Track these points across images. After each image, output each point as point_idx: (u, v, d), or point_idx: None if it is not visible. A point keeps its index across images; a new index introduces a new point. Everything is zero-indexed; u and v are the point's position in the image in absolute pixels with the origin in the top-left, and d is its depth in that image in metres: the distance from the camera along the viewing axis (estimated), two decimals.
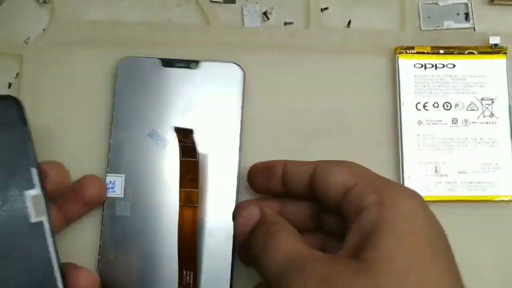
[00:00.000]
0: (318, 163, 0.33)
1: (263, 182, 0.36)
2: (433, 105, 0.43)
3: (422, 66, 0.43)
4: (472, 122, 0.42)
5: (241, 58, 0.44)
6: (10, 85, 0.44)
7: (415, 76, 0.43)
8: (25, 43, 0.44)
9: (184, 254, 0.38)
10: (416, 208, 0.28)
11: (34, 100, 0.43)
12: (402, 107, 0.43)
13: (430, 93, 0.43)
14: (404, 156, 0.42)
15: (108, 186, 0.40)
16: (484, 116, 0.43)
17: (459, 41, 0.44)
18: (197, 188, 0.39)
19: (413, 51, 0.43)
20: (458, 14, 0.45)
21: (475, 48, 0.44)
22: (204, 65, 0.42)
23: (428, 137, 0.42)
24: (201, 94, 0.41)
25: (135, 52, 0.44)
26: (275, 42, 0.44)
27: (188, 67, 0.42)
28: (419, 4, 0.45)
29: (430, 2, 0.45)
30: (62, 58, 0.44)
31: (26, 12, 0.45)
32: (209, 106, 0.41)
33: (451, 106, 0.43)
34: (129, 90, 0.41)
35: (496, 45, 0.43)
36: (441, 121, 0.43)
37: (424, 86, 0.43)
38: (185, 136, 0.38)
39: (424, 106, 0.43)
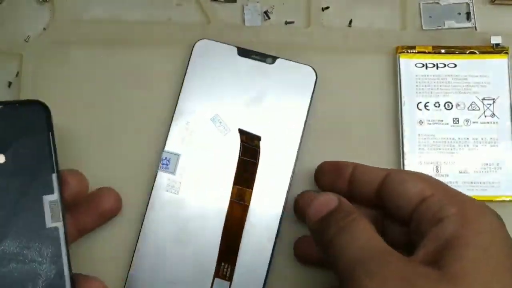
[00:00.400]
0: (391, 170, 0.34)
1: (330, 180, 0.37)
2: (434, 105, 0.43)
3: (423, 65, 0.43)
4: (473, 122, 0.42)
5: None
6: (10, 84, 0.44)
7: (416, 75, 0.43)
8: (25, 42, 0.44)
9: (227, 248, 0.39)
10: (497, 225, 0.29)
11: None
12: (403, 107, 0.43)
13: (431, 93, 0.43)
14: (405, 156, 0.42)
15: (162, 161, 0.39)
16: (485, 116, 0.42)
17: (461, 41, 0.44)
18: (252, 189, 0.39)
19: (414, 51, 0.43)
20: (459, 13, 0.45)
21: (477, 47, 0.43)
22: (280, 62, 0.42)
23: (429, 137, 0.42)
24: (270, 89, 0.41)
25: (135, 52, 0.44)
26: (276, 41, 0.44)
27: (263, 61, 0.41)
28: (420, 4, 0.45)
29: (431, 1, 0.45)
30: (62, 57, 0.44)
31: (26, 11, 0.45)
32: (276, 103, 0.41)
33: (452, 106, 0.43)
34: (200, 71, 0.41)
35: (497, 45, 0.43)
36: (442, 121, 0.42)
37: (425, 85, 0.43)
38: (250, 139, 0.38)
39: (425, 106, 0.43)
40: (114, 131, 0.42)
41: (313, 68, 0.41)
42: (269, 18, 0.45)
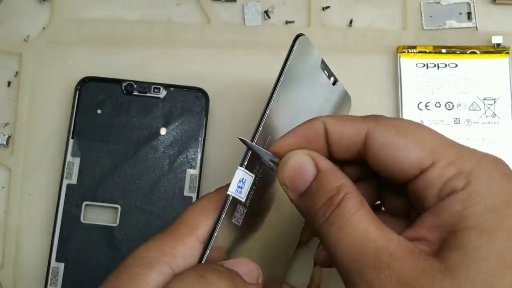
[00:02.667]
0: (369, 123, 0.26)
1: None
2: (435, 104, 0.42)
3: (424, 65, 0.43)
4: (475, 122, 0.42)
5: (242, 58, 0.44)
6: (9, 83, 0.44)
7: (417, 75, 0.43)
8: (24, 42, 0.44)
9: None
10: (511, 195, 0.24)
11: (33, 99, 0.43)
12: (403, 107, 0.42)
13: (432, 92, 0.43)
14: None
15: (238, 184, 0.29)
16: (486, 116, 0.42)
17: (461, 41, 0.44)
18: None
19: (415, 51, 0.43)
20: (460, 13, 0.45)
21: (478, 47, 0.43)
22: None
23: None
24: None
25: (135, 51, 0.44)
26: (276, 41, 0.44)
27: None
28: (421, 3, 0.45)
29: (432, 1, 0.45)
30: (61, 57, 0.44)
31: (26, 11, 0.45)
32: None
33: (453, 106, 0.42)
34: (295, 76, 0.32)
35: (498, 44, 0.43)
36: (443, 121, 0.42)
37: (426, 85, 0.43)
38: None
39: (426, 106, 0.42)
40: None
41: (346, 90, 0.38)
42: (269, 17, 0.45)
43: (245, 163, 0.28)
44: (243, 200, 0.29)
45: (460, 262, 0.22)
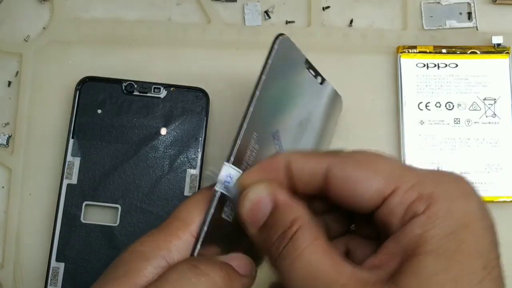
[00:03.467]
0: (329, 162, 0.26)
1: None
2: (435, 105, 0.42)
3: (424, 65, 0.43)
4: (475, 122, 0.42)
5: (242, 57, 0.44)
6: (9, 83, 0.44)
7: (417, 75, 0.43)
8: (25, 42, 0.44)
9: None
10: (471, 215, 0.23)
11: (33, 99, 0.43)
12: (404, 107, 0.42)
13: (432, 92, 0.43)
14: (406, 156, 0.41)
15: (225, 179, 0.29)
16: (486, 116, 0.42)
17: (462, 41, 0.44)
18: None
19: (415, 51, 0.43)
20: (460, 13, 0.45)
21: (478, 47, 0.43)
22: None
23: (430, 137, 0.42)
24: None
25: (135, 51, 0.44)
26: None
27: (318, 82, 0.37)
28: (422, 3, 0.45)
29: (432, 1, 0.45)
30: (62, 57, 0.44)
31: (26, 11, 0.45)
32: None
33: (453, 106, 0.42)
34: (278, 75, 0.32)
35: (499, 44, 0.43)
36: (443, 121, 0.42)
37: (426, 85, 0.43)
38: None
39: (426, 106, 0.42)
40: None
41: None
42: (269, 17, 0.45)
43: (232, 158, 0.28)
44: (232, 196, 0.28)
45: None
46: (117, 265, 0.25)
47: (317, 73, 0.36)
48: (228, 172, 0.28)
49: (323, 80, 0.36)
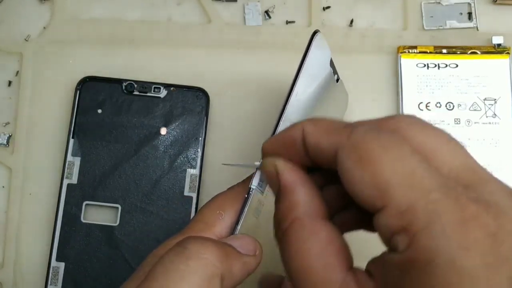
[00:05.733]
0: (338, 144, 0.22)
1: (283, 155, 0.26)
2: (435, 105, 0.42)
3: (425, 65, 0.43)
4: (475, 123, 0.42)
5: (242, 57, 0.44)
6: (10, 83, 0.44)
7: (417, 75, 0.43)
8: (25, 41, 0.44)
9: None
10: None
11: (33, 99, 0.43)
12: (404, 107, 0.42)
13: (433, 93, 0.43)
14: None
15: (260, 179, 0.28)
16: (487, 117, 0.42)
17: (462, 41, 0.44)
18: None
19: (415, 51, 0.43)
20: (461, 13, 0.45)
21: (478, 48, 0.43)
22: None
23: None
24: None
25: (135, 51, 0.44)
26: (277, 41, 0.44)
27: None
28: (422, 4, 0.45)
29: (433, 1, 0.45)
30: (62, 56, 0.44)
31: (27, 10, 0.45)
32: None
33: (453, 106, 0.42)
34: (310, 72, 0.32)
35: (499, 45, 0.43)
36: (443, 121, 0.42)
37: (427, 85, 0.43)
38: None
39: (426, 106, 0.42)
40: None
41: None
42: (270, 17, 0.45)
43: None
44: (263, 193, 0.28)
45: None
46: (139, 270, 0.25)
47: (335, 71, 0.36)
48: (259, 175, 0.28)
49: (338, 78, 0.37)
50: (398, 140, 0.21)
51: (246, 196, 0.27)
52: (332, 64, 0.35)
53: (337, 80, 0.37)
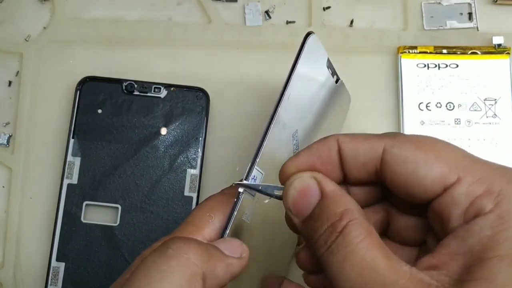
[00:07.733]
0: (385, 140, 0.24)
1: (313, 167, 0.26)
2: (435, 105, 0.42)
3: (425, 66, 0.43)
4: (475, 123, 0.42)
5: (242, 57, 0.44)
6: (10, 83, 0.44)
7: (417, 76, 0.43)
8: (25, 41, 0.44)
9: None
10: None
11: (34, 98, 0.43)
12: (404, 107, 0.42)
13: (433, 93, 0.43)
14: None
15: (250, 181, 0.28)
16: (487, 117, 0.42)
17: (462, 41, 0.44)
18: None
19: (416, 51, 0.43)
20: (461, 14, 0.45)
21: (478, 48, 0.43)
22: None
23: None
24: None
25: (136, 51, 0.44)
26: (277, 41, 0.44)
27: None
28: (422, 4, 0.45)
29: (433, 1, 0.45)
30: (62, 56, 0.44)
31: (27, 10, 0.45)
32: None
33: (454, 106, 0.42)
34: (304, 74, 0.32)
35: (499, 45, 0.43)
36: (444, 121, 0.42)
37: (427, 86, 0.43)
38: None
39: (426, 106, 0.42)
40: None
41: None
42: (270, 17, 0.45)
43: (257, 160, 0.28)
44: (254, 196, 0.28)
45: None
46: (127, 272, 0.25)
47: (334, 72, 0.36)
48: (253, 175, 0.28)
49: (338, 79, 0.36)
50: (437, 138, 0.24)
51: (235, 200, 0.27)
52: (330, 65, 0.35)
53: (337, 81, 0.36)
